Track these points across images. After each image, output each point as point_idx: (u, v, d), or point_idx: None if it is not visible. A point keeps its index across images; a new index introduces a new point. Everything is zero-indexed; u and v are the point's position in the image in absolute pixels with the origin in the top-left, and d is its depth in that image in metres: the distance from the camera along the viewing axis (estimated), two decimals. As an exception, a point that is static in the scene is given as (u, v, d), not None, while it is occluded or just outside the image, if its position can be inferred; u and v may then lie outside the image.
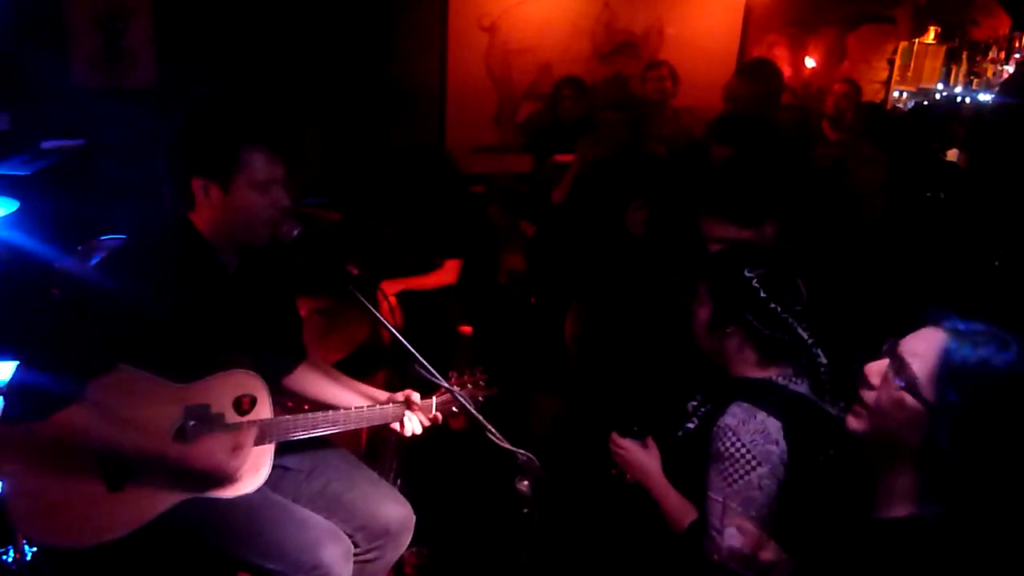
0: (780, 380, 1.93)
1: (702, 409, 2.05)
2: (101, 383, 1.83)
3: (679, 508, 1.97)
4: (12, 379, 1.79)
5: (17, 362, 1.83)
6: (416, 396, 2.26)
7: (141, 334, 1.85)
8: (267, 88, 4.48)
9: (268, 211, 1.98)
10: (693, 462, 1.93)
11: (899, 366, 1.37)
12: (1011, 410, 1.30)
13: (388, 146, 4.72)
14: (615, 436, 2.11)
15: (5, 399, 1.81)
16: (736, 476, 1.82)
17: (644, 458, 2.06)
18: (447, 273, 3.86)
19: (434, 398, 2.29)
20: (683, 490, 1.98)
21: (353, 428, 2.23)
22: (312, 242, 2.07)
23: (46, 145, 4.25)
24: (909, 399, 1.35)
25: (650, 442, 2.08)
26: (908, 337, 1.40)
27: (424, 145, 4.21)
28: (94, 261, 2.29)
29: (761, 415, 1.84)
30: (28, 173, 3.88)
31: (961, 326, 1.35)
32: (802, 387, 1.92)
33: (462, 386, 2.29)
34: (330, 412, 2.16)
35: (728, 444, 1.83)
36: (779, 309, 1.90)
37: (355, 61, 4.89)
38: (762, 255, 1.98)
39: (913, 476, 1.39)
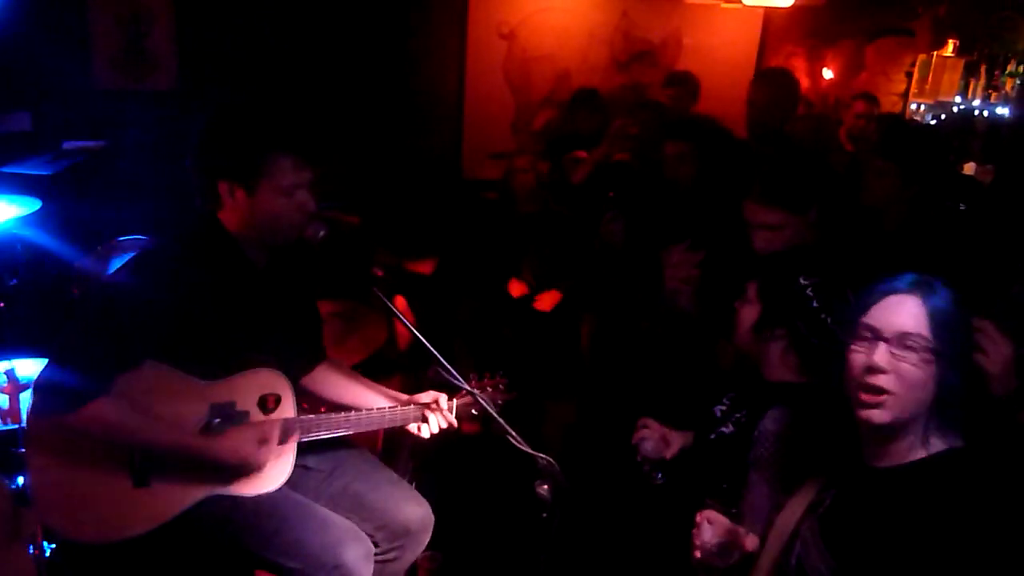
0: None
1: (736, 415, 2.05)
2: (129, 379, 1.85)
3: None
4: (41, 375, 1.81)
5: (46, 359, 1.85)
6: (443, 398, 2.26)
7: (170, 331, 1.87)
8: (286, 92, 4.52)
9: (293, 214, 1.99)
10: (729, 466, 1.93)
11: (902, 342, 1.47)
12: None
13: (407, 152, 4.75)
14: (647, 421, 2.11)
15: (34, 395, 1.83)
16: (777, 479, 1.82)
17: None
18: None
19: (454, 400, 2.29)
20: (716, 494, 1.96)
21: (375, 429, 2.24)
22: (338, 244, 2.08)
23: (67, 146, 4.28)
24: (923, 364, 1.46)
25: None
26: (882, 316, 1.51)
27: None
28: (123, 260, 2.30)
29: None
30: (49, 173, 3.92)
31: (916, 284, 1.51)
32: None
33: (482, 389, 2.29)
34: (352, 412, 2.18)
35: (768, 449, 1.83)
36: (829, 320, 1.89)
37: (374, 66, 4.92)
38: (818, 263, 1.97)
39: (922, 426, 1.51)
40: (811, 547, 1.61)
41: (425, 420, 2.25)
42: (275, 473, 2.04)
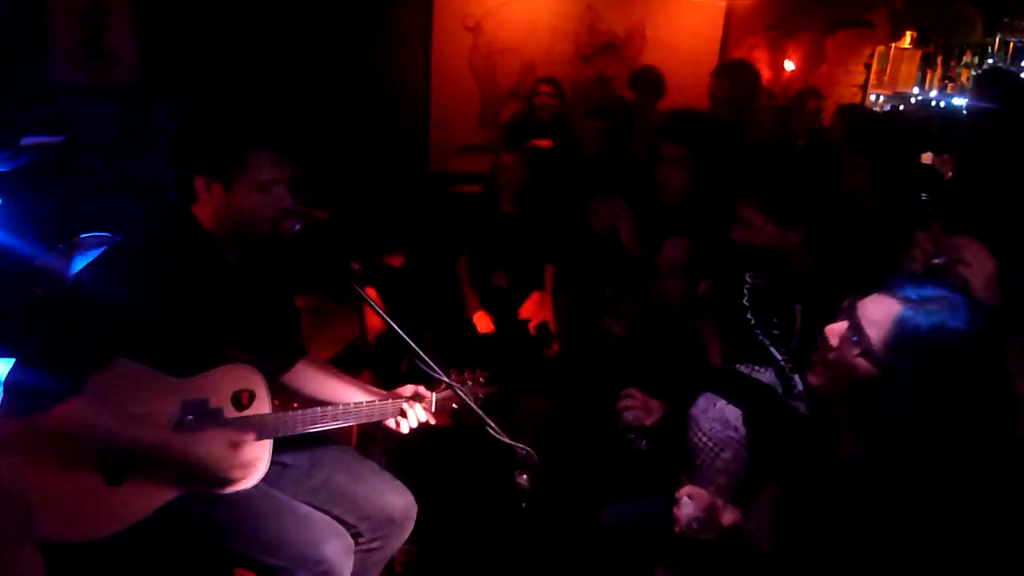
0: (744, 369, 1.99)
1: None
2: (99, 377, 1.82)
3: None
4: (10, 375, 1.78)
5: (13, 359, 1.82)
6: (423, 391, 2.26)
7: (141, 329, 1.85)
8: (249, 85, 4.47)
9: (269, 210, 1.98)
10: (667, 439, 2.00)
11: (856, 331, 1.46)
12: (958, 374, 1.39)
13: (373, 145, 4.73)
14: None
15: (5, 395, 1.80)
16: (704, 464, 1.90)
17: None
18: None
19: (433, 394, 2.29)
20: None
21: (352, 423, 2.23)
22: (313, 238, 2.07)
23: (25, 142, 4.18)
24: (863, 363, 1.44)
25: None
26: (865, 302, 1.49)
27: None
28: (85, 257, 2.27)
29: (721, 403, 1.91)
30: (7, 170, 3.83)
31: (914, 293, 1.44)
32: (766, 375, 1.98)
33: (462, 383, 2.30)
34: (329, 407, 2.16)
35: (692, 434, 1.92)
36: (752, 321, 1.95)
37: (339, 60, 4.88)
38: (775, 273, 2.02)
39: (863, 423, 1.50)
40: (762, 527, 1.66)
41: (404, 415, 2.25)
42: (251, 471, 2.02)
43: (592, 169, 3.85)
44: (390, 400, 2.25)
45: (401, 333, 1.92)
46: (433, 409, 2.28)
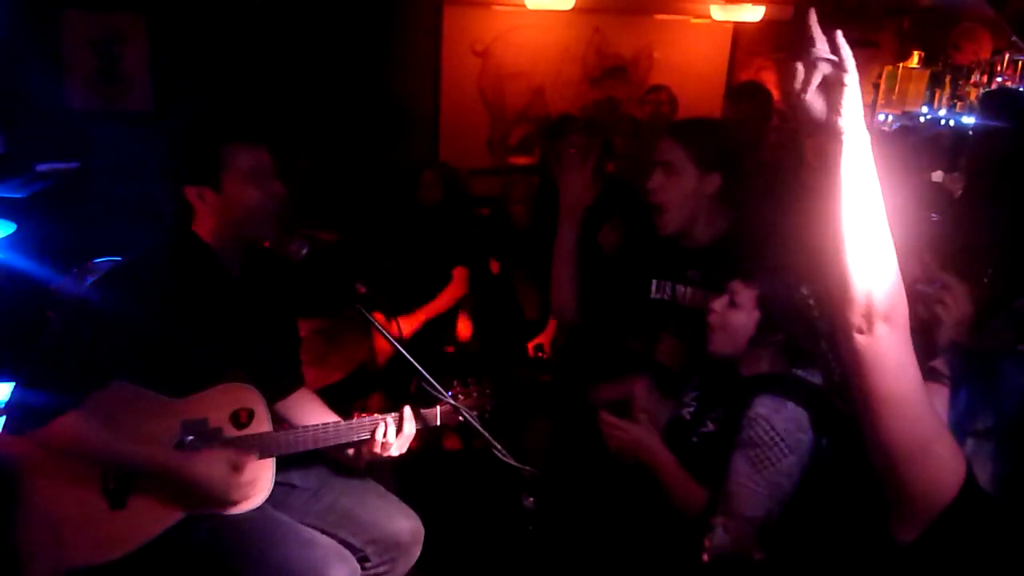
0: (801, 373, 1.98)
1: (712, 414, 2.08)
2: (99, 400, 1.84)
3: (688, 486, 1.99)
4: (11, 397, 1.81)
5: (14, 383, 1.84)
6: (408, 409, 2.21)
7: (141, 345, 1.87)
8: (260, 112, 4.51)
9: (266, 202, 2.01)
10: (715, 462, 1.95)
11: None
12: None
13: (383, 169, 4.75)
14: (607, 416, 2.12)
15: (7, 417, 1.82)
16: (768, 463, 1.85)
17: (643, 434, 2.07)
18: (456, 287, 3.91)
19: (437, 407, 2.26)
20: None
21: (354, 439, 2.18)
22: (320, 261, 2.09)
23: (41, 168, 4.25)
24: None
25: (643, 418, 2.09)
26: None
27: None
28: (92, 280, 2.30)
29: (791, 405, 1.88)
30: (23, 196, 3.88)
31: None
32: (818, 378, 1.98)
33: (467, 395, 2.28)
34: (330, 424, 2.15)
35: (762, 432, 1.86)
36: (819, 329, 1.95)
37: (350, 84, 4.93)
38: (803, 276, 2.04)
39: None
40: None
41: (400, 429, 2.18)
42: (255, 491, 2.03)
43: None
44: (391, 415, 2.20)
45: (407, 356, 1.93)
46: (438, 422, 2.24)
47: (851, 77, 1.27)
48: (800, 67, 1.28)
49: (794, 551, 1.82)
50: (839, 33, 1.26)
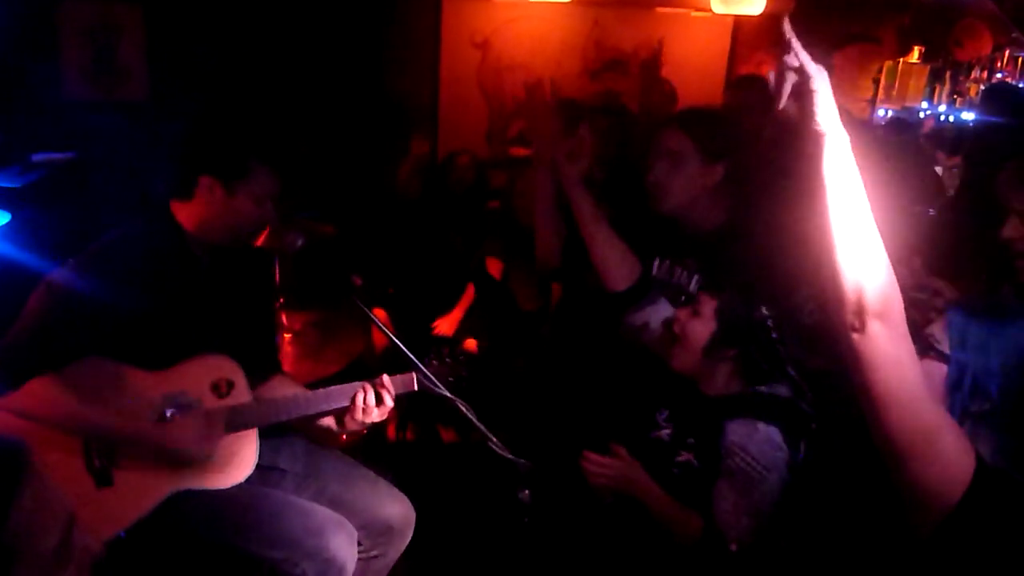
0: (763, 390, 1.98)
1: (688, 439, 2.06)
2: (77, 376, 1.85)
3: (680, 515, 1.98)
4: None
5: None
6: (386, 376, 2.17)
7: (116, 318, 1.87)
8: (258, 103, 4.50)
9: (256, 221, 2.10)
10: (697, 494, 1.96)
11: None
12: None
13: (380, 161, 4.74)
14: (590, 455, 2.08)
15: None
16: (750, 488, 1.87)
17: (628, 469, 2.04)
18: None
19: (413, 373, 2.16)
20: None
21: (334, 406, 2.15)
22: (315, 253, 2.10)
23: (36, 158, 4.22)
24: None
25: (621, 451, 2.07)
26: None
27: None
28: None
29: (761, 425, 1.88)
30: (19, 186, 3.86)
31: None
32: (782, 389, 1.99)
33: (441, 362, 2.21)
34: (310, 392, 2.15)
35: (740, 461, 1.88)
36: (781, 351, 1.98)
37: (348, 76, 4.91)
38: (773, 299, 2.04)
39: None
40: None
41: (379, 395, 2.14)
42: (239, 463, 2.03)
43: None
44: (365, 382, 2.16)
45: (404, 349, 1.93)
46: (416, 388, 2.16)
47: (818, 82, 1.28)
48: (771, 77, 1.30)
49: (789, 551, 1.83)
50: (794, 40, 1.28)
